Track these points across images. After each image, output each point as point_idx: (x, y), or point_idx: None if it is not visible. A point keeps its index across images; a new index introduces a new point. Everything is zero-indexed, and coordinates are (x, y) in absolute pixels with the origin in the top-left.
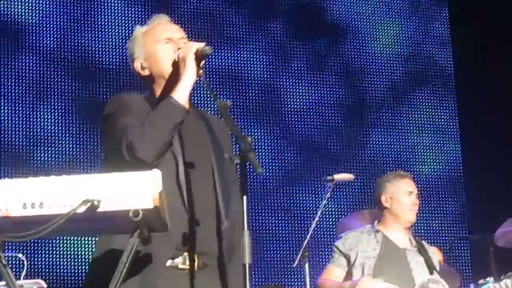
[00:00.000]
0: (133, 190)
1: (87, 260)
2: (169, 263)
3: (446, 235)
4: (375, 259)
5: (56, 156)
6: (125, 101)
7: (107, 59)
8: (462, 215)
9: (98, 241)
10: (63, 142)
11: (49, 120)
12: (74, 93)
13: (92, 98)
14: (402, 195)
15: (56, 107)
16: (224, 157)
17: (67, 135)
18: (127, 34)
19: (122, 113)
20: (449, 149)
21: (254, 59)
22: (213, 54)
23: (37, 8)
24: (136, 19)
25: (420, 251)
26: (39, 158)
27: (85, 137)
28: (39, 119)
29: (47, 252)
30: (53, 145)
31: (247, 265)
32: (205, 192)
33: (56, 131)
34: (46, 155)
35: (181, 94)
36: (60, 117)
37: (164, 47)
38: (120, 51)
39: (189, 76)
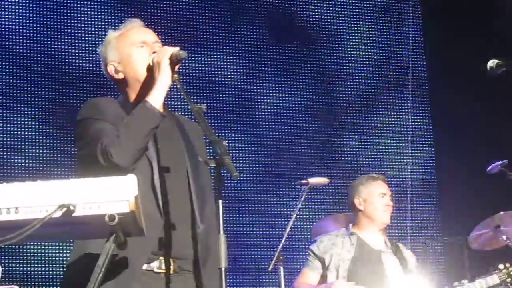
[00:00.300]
0: (109, 195)
1: (62, 265)
2: (145, 267)
3: (420, 237)
4: (349, 261)
5: (29, 161)
6: (99, 106)
7: (80, 64)
8: (436, 217)
9: (74, 246)
10: (36, 148)
11: (22, 126)
12: (47, 98)
13: (65, 103)
14: (375, 197)
15: (29, 112)
16: (198, 160)
17: (40, 140)
18: (100, 40)
19: (96, 118)
20: (422, 152)
21: (227, 64)
22: (186, 58)
23: (9, 13)
24: (110, 24)
25: (396, 253)
26: (12, 163)
27: (59, 143)
28: (11, 125)
29: (22, 257)
30: (26, 150)
31: (223, 269)
32: (180, 196)
33: (29, 137)
34: (19, 160)
35: (156, 99)
36: (33, 123)
37: (139, 50)
38: (93, 56)
39: (164, 81)
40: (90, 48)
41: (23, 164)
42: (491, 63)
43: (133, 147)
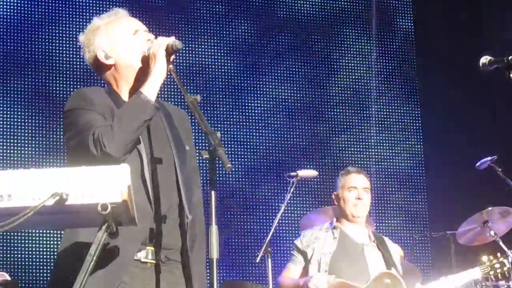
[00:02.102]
0: (102, 184)
1: (50, 252)
2: (137, 256)
3: (408, 232)
4: (331, 255)
5: (14, 150)
6: (87, 96)
7: (65, 54)
8: (424, 212)
9: (64, 234)
10: (20, 137)
11: (7, 115)
12: (31, 88)
13: (51, 92)
14: (345, 191)
15: (12, 102)
16: (185, 150)
17: (24, 130)
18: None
19: (85, 108)
20: (411, 147)
21: (221, 56)
22: (182, 48)
23: None
24: (97, 13)
25: (379, 246)
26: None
27: (42, 132)
28: None
29: (11, 244)
30: (10, 139)
31: (214, 260)
32: (168, 187)
33: (15, 125)
34: (2, 149)
35: (151, 91)
36: (19, 111)
37: (133, 37)
38: (77, 46)
39: (160, 73)
40: (76, 38)
41: (5, 153)
42: (484, 59)
43: (126, 138)
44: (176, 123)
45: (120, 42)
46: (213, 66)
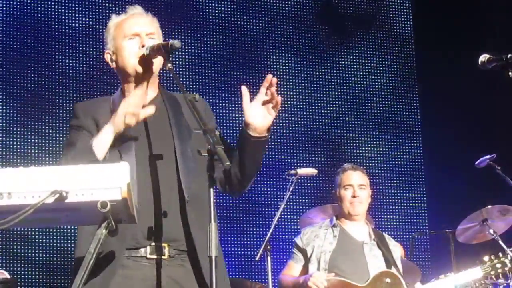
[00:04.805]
0: (101, 182)
1: (49, 251)
2: (139, 253)
3: (407, 230)
4: (330, 253)
5: (14, 148)
6: (78, 113)
7: (66, 54)
8: (423, 210)
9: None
10: (20, 135)
11: (4, 113)
12: (30, 86)
13: (47, 92)
14: (341, 189)
15: (11, 100)
16: (190, 136)
17: (23, 128)
18: (75, 29)
19: (74, 128)
20: (410, 145)
21: (220, 52)
22: (180, 48)
23: None
24: (89, 12)
25: (379, 245)
26: None
27: (42, 130)
28: None
29: (10, 243)
30: (9, 138)
31: (213, 258)
32: (168, 179)
33: (12, 124)
34: (2, 148)
35: (101, 143)
36: (16, 110)
37: (128, 43)
38: (72, 46)
39: (113, 129)
40: (70, 38)
41: (10, 151)
42: (483, 57)
43: None
44: (185, 113)
45: (119, 47)
46: (212, 64)
